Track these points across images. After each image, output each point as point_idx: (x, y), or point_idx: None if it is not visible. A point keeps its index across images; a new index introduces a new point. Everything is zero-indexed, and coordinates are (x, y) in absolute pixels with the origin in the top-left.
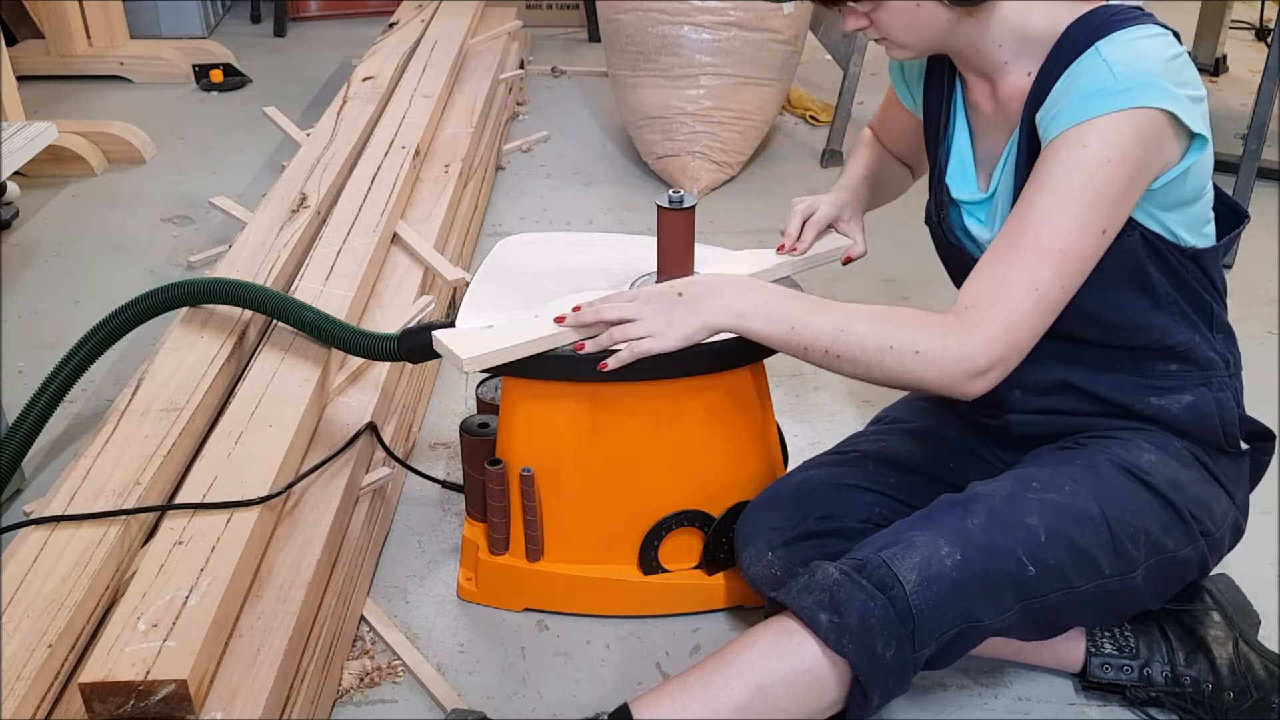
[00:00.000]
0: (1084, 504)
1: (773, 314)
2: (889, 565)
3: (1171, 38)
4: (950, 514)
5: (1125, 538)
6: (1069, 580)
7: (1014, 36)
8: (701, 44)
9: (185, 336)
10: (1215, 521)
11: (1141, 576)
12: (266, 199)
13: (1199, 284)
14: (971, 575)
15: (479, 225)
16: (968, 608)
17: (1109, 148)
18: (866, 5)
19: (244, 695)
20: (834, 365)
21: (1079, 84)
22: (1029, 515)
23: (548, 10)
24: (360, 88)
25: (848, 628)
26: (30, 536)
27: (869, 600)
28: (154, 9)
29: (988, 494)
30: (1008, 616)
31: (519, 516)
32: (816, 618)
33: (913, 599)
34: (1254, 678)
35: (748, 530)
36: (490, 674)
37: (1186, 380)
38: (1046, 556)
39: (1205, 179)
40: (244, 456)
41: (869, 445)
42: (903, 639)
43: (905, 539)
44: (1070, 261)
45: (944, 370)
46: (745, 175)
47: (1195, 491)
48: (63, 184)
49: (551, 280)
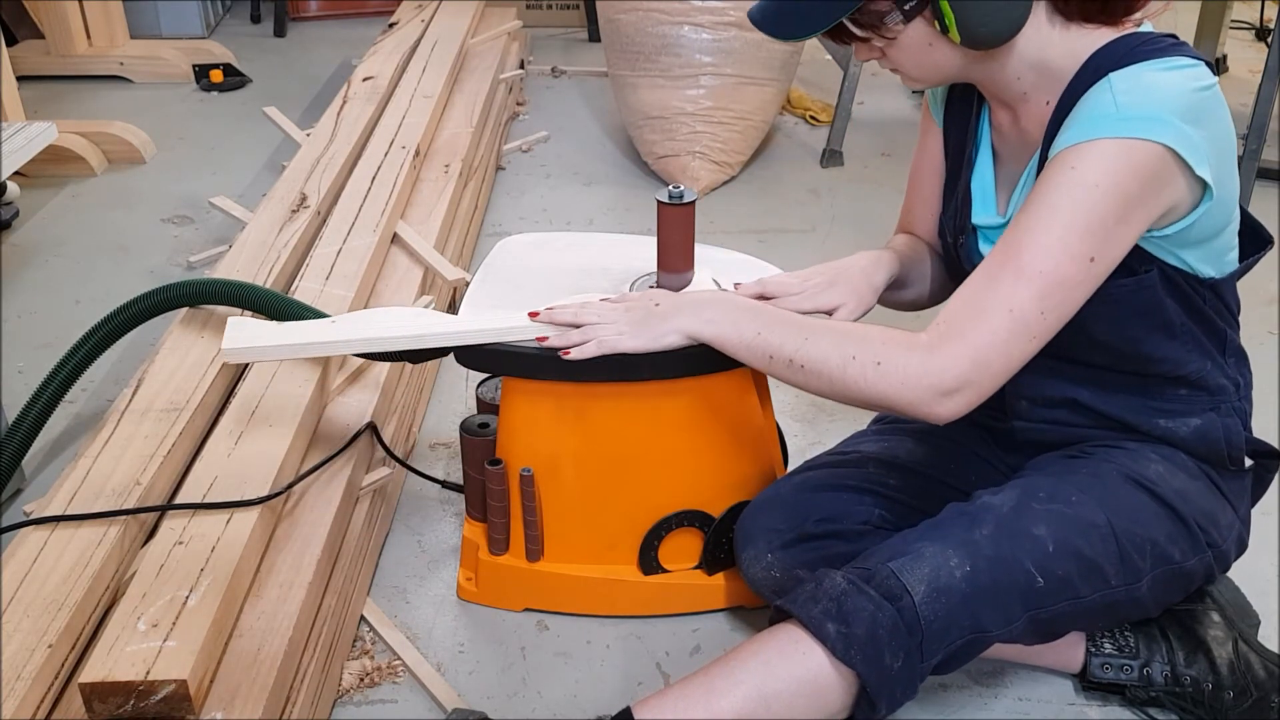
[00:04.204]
0: (1090, 514)
1: (739, 321)
2: (898, 576)
3: (1202, 70)
4: (958, 524)
5: (1131, 548)
6: (1076, 590)
7: (1032, 69)
8: (701, 44)
9: (185, 336)
10: (1221, 533)
11: (1146, 586)
12: (266, 199)
13: (1215, 312)
14: (981, 587)
15: (479, 225)
16: (976, 619)
17: (1097, 173)
18: (880, 42)
19: (244, 695)
20: (798, 378)
21: (1082, 110)
22: (1036, 526)
23: (548, 10)
24: (360, 88)
25: (855, 638)
26: (30, 536)
27: (877, 611)
28: (154, 9)
29: (995, 505)
30: (1015, 626)
31: (519, 516)
32: (824, 627)
33: (921, 610)
34: (1254, 677)
35: (747, 531)
36: (490, 674)
37: (1195, 404)
38: (1055, 567)
39: (1228, 214)
40: (244, 456)
41: (870, 446)
42: (911, 650)
43: (914, 549)
44: (1051, 285)
45: (906, 384)
46: (745, 175)
47: (1202, 502)
48: (63, 184)
49: (551, 280)
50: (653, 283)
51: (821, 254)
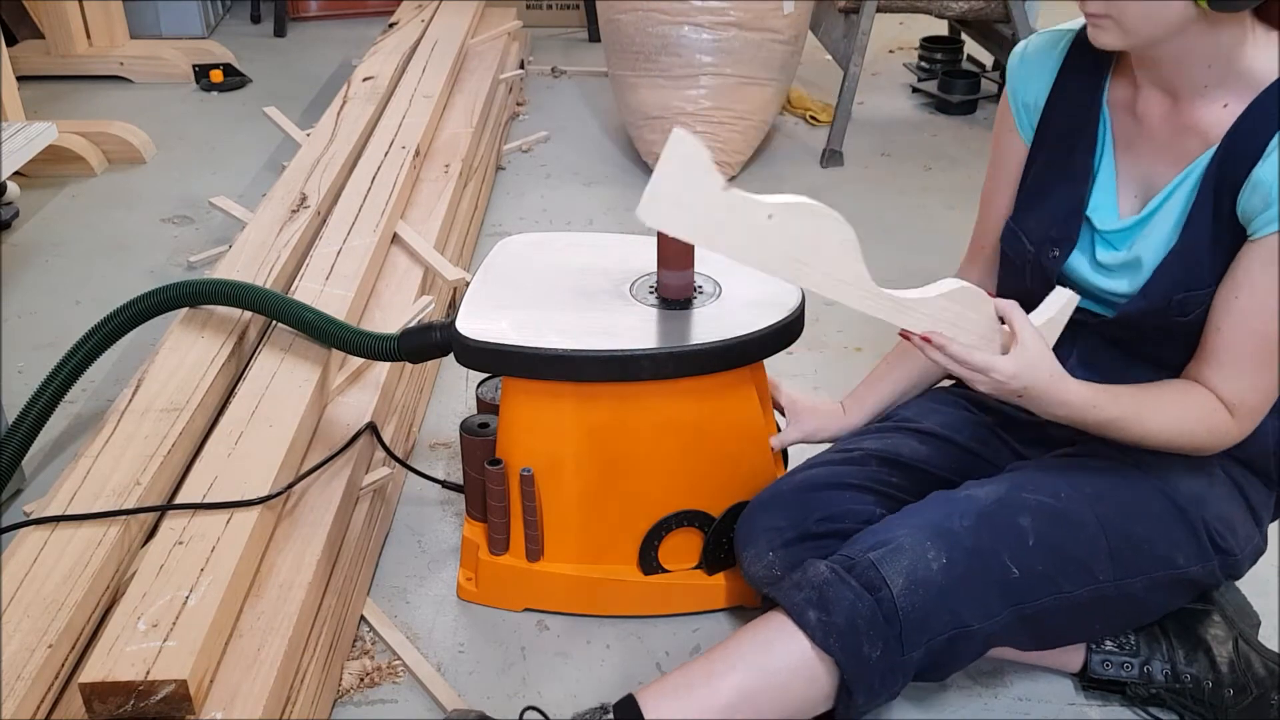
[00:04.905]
0: (1078, 509)
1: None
2: (877, 568)
3: None
4: (939, 514)
5: (1125, 545)
6: (1058, 585)
7: (1227, 61)
8: (702, 44)
9: (185, 336)
10: (1238, 542)
11: (1143, 587)
12: (266, 199)
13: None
14: (956, 579)
15: (479, 225)
16: (954, 612)
17: None
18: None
19: (244, 695)
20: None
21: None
22: (1021, 517)
23: (548, 10)
24: (360, 88)
25: (835, 627)
26: (30, 536)
27: (857, 600)
28: (154, 9)
29: (979, 496)
30: (997, 621)
31: (519, 516)
32: (805, 615)
33: (899, 602)
34: (1254, 675)
35: (748, 531)
36: (490, 674)
37: None
38: (1033, 561)
39: None
40: (244, 456)
41: (872, 443)
42: (889, 640)
43: (894, 540)
44: None
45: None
46: (745, 175)
47: (1220, 507)
48: (63, 184)
49: (551, 280)
50: (653, 283)
51: None
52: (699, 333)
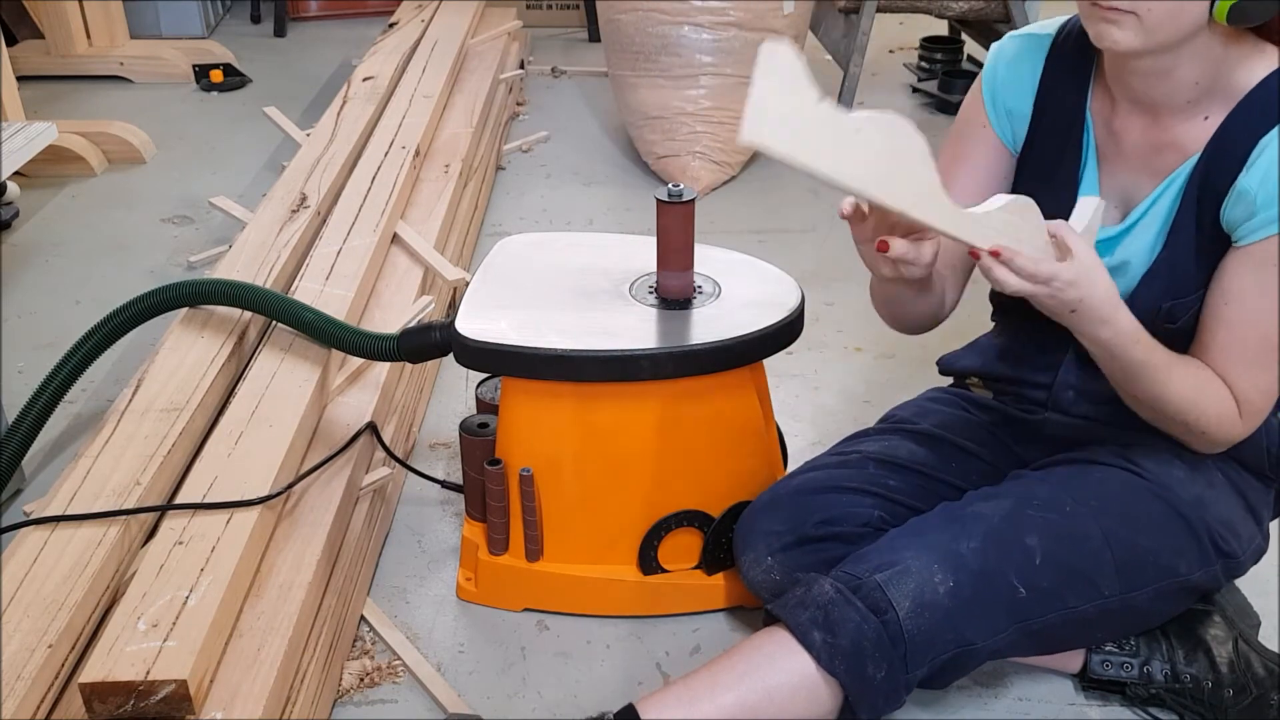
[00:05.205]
0: (1085, 524)
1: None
2: (883, 589)
3: None
4: (947, 533)
5: (1130, 559)
6: (1065, 601)
7: (1215, 77)
8: (702, 44)
9: (185, 336)
10: (1241, 543)
11: (1148, 598)
12: (266, 199)
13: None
14: (964, 601)
15: (479, 225)
16: (960, 632)
17: None
18: None
19: (244, 695)
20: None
21: None
22: (1028, 535)
23: (548, 10)
24: (360, 88)
25: (840, 649)
26: (30, 536)
27: (863, 623)
28: (154, 9)
29: (986, 514)
30: (1002, 638)
31: (519, 516)
32: (810, 635)
33: (905, 625)
34: (1254, 675)
35: (746, 535)
36: (490, 674)
37: None
38: (1040, 579)
39: None
40: (244, 456)
41: (872, 446)
42: (894, 661)
43: (901, 562)
44: None
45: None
46: (745, 175)
47: (1221, 510)
48: (63, 184)
49: (551, 280)
50: (653, 283)
51: (821, 254)
52: (699, 333)
